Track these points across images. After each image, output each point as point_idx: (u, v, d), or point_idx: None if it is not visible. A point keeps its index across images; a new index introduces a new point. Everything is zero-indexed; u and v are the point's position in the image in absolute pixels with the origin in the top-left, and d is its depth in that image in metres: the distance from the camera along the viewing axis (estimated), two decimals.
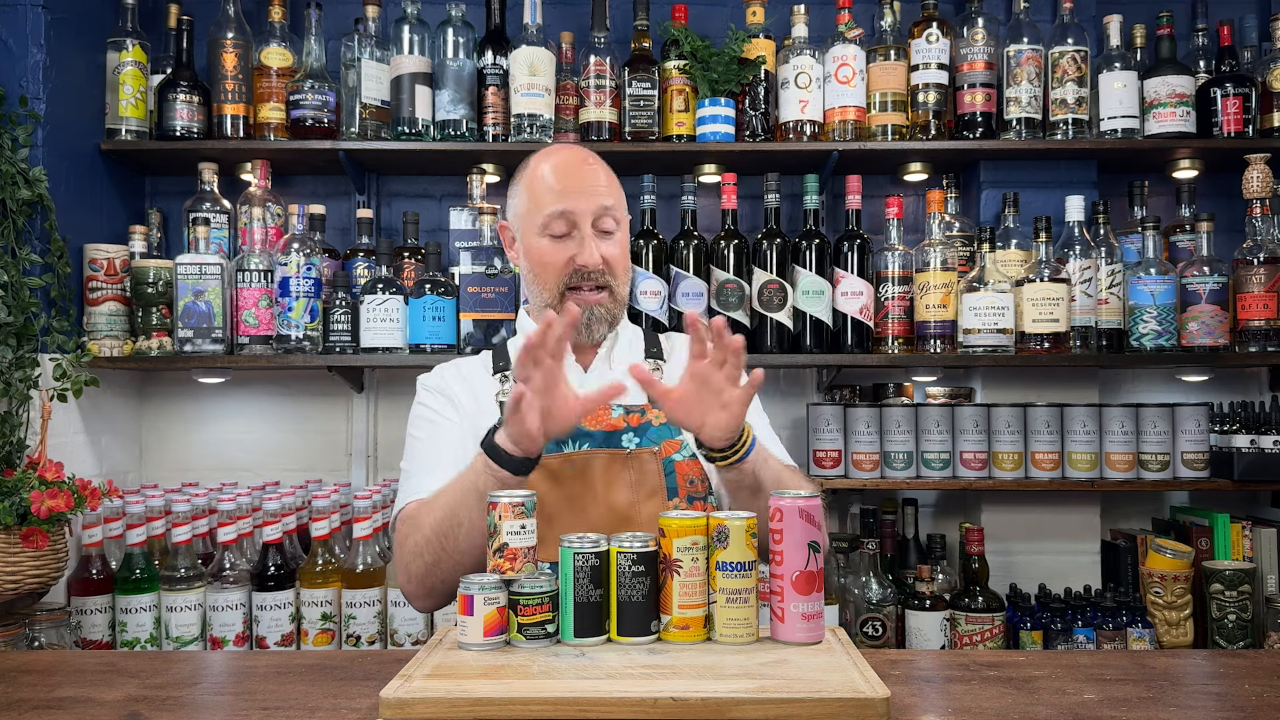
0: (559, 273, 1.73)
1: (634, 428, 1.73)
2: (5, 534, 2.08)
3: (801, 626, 1.39)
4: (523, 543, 1.40)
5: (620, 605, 1.38)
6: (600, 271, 1.72)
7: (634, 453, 1.70)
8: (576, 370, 1.80)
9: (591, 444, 1.71)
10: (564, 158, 1.78)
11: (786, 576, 1.39)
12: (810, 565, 1.39)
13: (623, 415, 1.73)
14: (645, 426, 1.73)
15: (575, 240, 1.72)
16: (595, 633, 1.38)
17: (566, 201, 1.71)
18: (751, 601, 1.40)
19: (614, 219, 1.75)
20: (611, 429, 1.72)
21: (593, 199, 1.72)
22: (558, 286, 1.74)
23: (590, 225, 1.73)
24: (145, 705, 1.29)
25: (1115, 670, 1.40)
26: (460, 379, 1.84)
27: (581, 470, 1.68)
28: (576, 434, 1.70)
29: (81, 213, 2.67)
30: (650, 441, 1.71)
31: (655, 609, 1.40)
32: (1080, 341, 2.71)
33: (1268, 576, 2.68)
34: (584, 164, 1.77)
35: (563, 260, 1.72)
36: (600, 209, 1.73)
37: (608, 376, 1.79)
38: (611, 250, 1.74)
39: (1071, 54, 2.76)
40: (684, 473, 1.70)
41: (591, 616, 1.38)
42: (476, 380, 1.83)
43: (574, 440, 1.70)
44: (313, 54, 2.76)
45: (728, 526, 1.39)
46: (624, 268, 1.78)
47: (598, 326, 1.76)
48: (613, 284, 1.75)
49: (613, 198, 1.75)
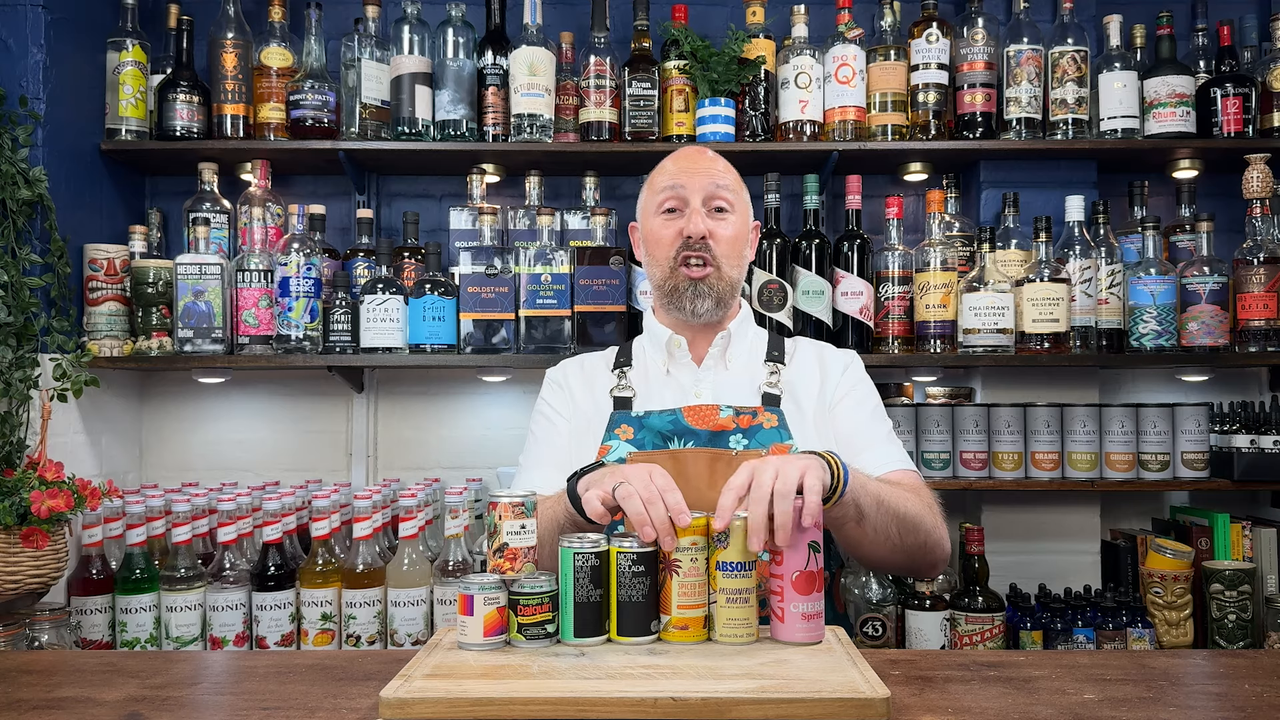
0: (670, 245, 1.79)
1: (743, 429, 1.73)
2: (5, 534, 2.08)
3: (802, 626, 1.39)
4: (523, 543, 1.40)
5: (620, 605, 1.38)
6: (705, 245, 1.76)
7: (740, 454, 1.69)
8: (690, 367, 1.83)
9: (697, 443, 1.72)
10: (686, 150, 1.88)
11: (786, 576, 1.39)
12: (810, 565, 1.39)
13: (732, 416, 1.74)
14: (755, 429, 1.73)
15: (685, 215, 1.79)
16: (595, 633, 1.38)
17: (679, 178, 1.80)
18: (751, 602, 1.40)
19: (727, 201, 1.80)
20: (719, 429, 1.73)
21: (705, 178, 1.79)
22: (669, 261, 1.79)
23: (701, 202, 1.78)
24: (145, 705, 1.29)
25: (1115, 670, 1.40)
26: (581, 374, 1.90)
27: (683, 468, 1.68)
28: (683, 432, 1.72)
29: (81, 213, 2.67)
30: (758, 444, 1.71)
31: (655, 609, 1.40)
32: (1080, 341, 2.71)
33: (1268, 576, 2.68)
34: (702, 153, 1.86)
35: (673, 233, 1.79)
36: (712, 187, 1.79)
37: (721, 376, 1.83)
38: (721, 228, 1.79)
39: (1071, 54, 2.76)
40: None
41: (591, 616, 1.38)
42: (597, 375, 1.88)
43: (680, 438, 1.72)
44: (313, 54, 2.76)
45: (727, 527, 1.39)
46: (734, 249, 1.81)
47: (701, 301, 1.79)
48: (720, 261, 1.78)
49: (728, 181, 1.81)
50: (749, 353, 1.86)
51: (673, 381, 1.83)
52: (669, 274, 1.80)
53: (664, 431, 1.73)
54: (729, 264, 1.80)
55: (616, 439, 1.75)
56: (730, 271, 1.80)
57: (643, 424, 1.76)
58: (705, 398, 1.79)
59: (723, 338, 1.83)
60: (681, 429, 1.73)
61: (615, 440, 1.75)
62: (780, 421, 1.74)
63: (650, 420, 1.76)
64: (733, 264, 1.81)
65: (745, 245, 1.85)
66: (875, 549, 1.61)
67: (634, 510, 1.39)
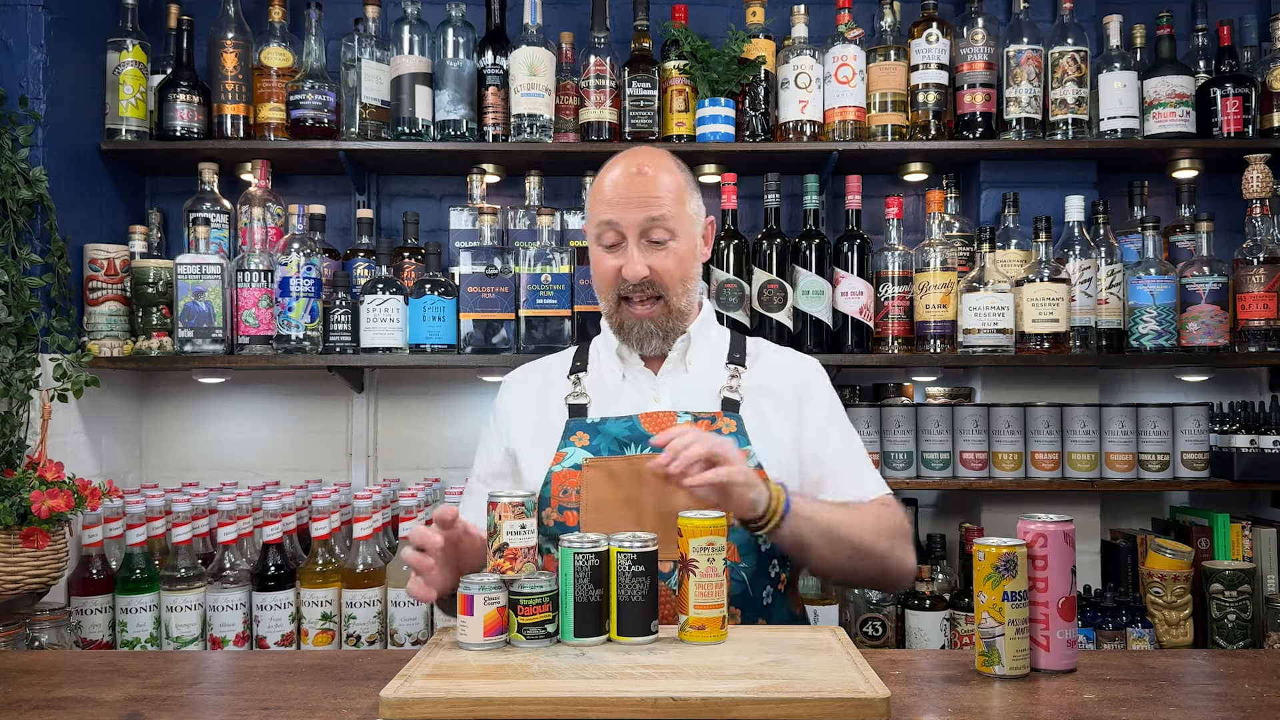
0: (611, 282, 1.75)
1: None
2: (5, 534, 2.08)
3: (1066, 653, 1.38)
4: (523, 543, 1.40)
5: (620, 605, 1.38)
6: (647, 283, 1.72)
7: None
8: (647, 375, 1.81)
9: (652, 449, 1.69)
10: (622, 167, 1.77)
11: (1052, 603, 1.37)
12: (1072, 590, 1.38)
13: (690, 422, 1.72)
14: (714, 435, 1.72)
15: (623, 250, 1.73)
16: (595, 633, 1.38)
17: (613, 212, 1.73)
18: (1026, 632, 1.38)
19: (666, 230, 1.73)
20: None
21: (640, 210, 1.72)
22: (612, 296, 1.76)
23: (638, 236, 1.72)
24: (145, 705, 1.29)
25: (1115, 670, 1.40)
26: (535, 381, 1.88)
27: (638, 473, 1.67)
28: (640, 438, 1.70)
29: (81, 213, 2.67)
30: None
31: (655, 609, 1.40)
32: (1080, 341, 2.71)
33: (1267, 576, 2.68)
34: (639, 175, 1.74)
35: (614, 271, 1.74)
36: (647, 221, 1.72)
37: (680, 380, 1.80)
38: (663, 261, 1.73)
39: (1071, 54, 2.76)
40: None
41: (591, 616, 1.38)
42: (553, 381, 1.86)
43: (637, 444, 1.70)
44: (313, 54, 2.76)
45: (1014, 554, 1.37)
46: (678, 278, 1.75)
47: (647, 340, 1.76)
48: (666, 293, 1.74)
49: (664, 208, 1.72)
50: (710, 354, 1.83)
51: (630, 386, 1.80)
52: (614, 309, 1.77)
53: (620, 438, 1.72)
54: (675, 294, 1.75)
55: (572, 445, 1.73)
56: (678, 301, 1.76)
57: (599, 430, 1.74)
58: (664, 403, 1.76)
59: (683, 341, 1.80)
60: (639, 435, 1.71)
61: (571, 447, 1.73)
62: (739, 428, 1.73)
63: (607, 426, 1.74)
64: (680, 292, 1.76)
65: (694, 264, 1.80)
66: (823, 572, 1.64)
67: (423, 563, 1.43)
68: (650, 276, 1.72)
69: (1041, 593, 1.38)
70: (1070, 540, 1.39)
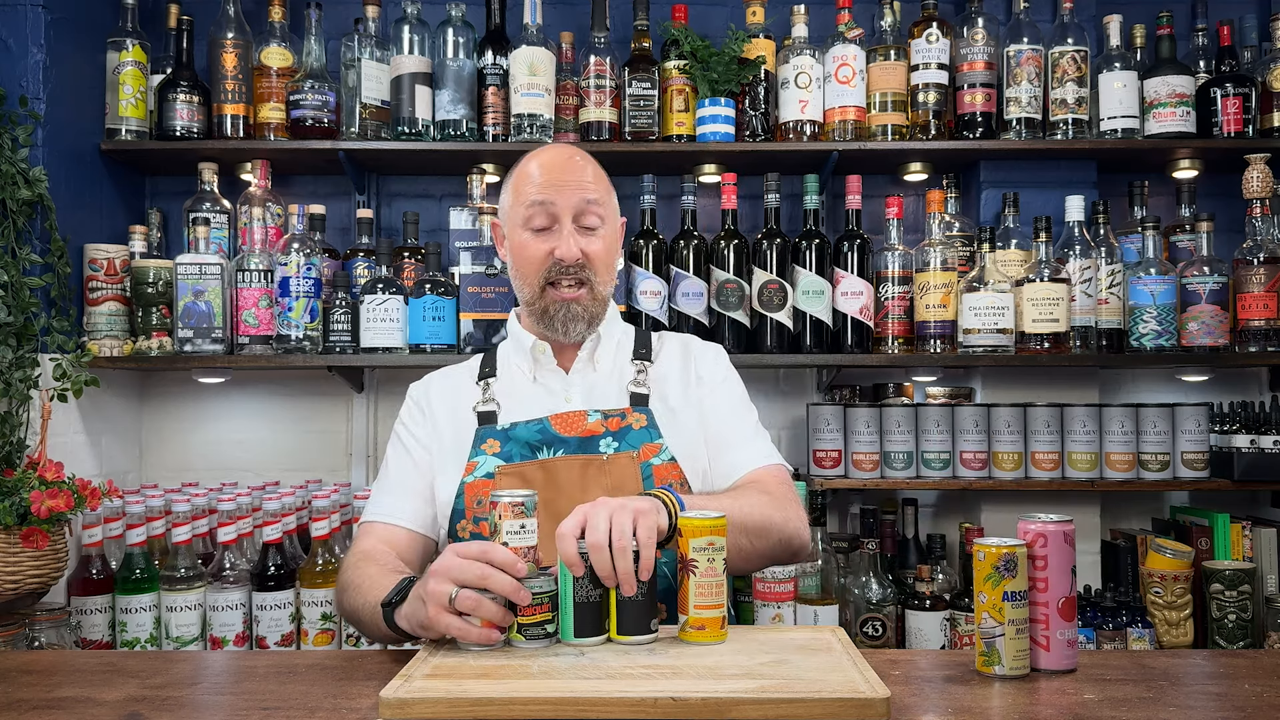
0: (539, 266, 1.73)
1: (613, 432, 1.71)
2: (5, 534, 2.08)
3: (1066, 653, 1.38)
4: (522, 542, 1.40)
5: (620, 605, 1.38)
6: (579, 265, 1.72)
7: (611, 458, 1.68)
8: (558, 373, 1.80)
9: (566, 450, 1.70)
10: (551, 155, 1.78)
11: (1052, 603, 1.37)
12: (1072, 590, 1.38)
13: (600, 420, 1.72)
14: (625, 431, 1.71)
15: (555, 234, 1.72)
16: (595, 633, 1.38)
17: (547, 193, 1.72)
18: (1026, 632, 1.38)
19: (598, 215, 1.74)
20: (588, 434, 1.71)
21: (575, 193, 1.72)
22: (538, 280, 1.74)
23: (571, 219, 1.72)
24: (145, 705, 1.29)
25: (1115, 670, 1.40)
26: (444, 390, 1.86)
27: (554, 477, 1.67)
28: (552, 440, 1.70)
29: (81, 213, 2.67)
30: (629, 446, 1.69)
31: (655, 608, 1.40)
32: (1080, 341, 2.71)
33: (1268, 576, 2.68)
34: (570, 160, 1.76)
35: (543, 253, 1.72)
36: (582, 203, 1.72)
37: (590, 378, 1.79)
38: (593, 246, 1.73)
39: (1071, 54, 2.76)
40: (662, 477, 1.68)
41: (591, 616, 1.38)
42: (461, 389, 1.84)
43: (549, 447, 1.69)
44: (313, 54, 2.76)
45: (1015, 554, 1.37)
46: (606, 265, 1.77)
47: (574, 324, 1.75)
48: (593, 280, 1.74)
49: (598, 194, 1.74)
50: (616, 351, 1.83)
51: (540, 388, 1.79)
52: (539, 294, 1.75)
53: (532, 442, 1.71)
54: (601, 280, 1.76)
55: (483, 454, 1.72)
56: (603, 289, 1.77)
57: (509, 436, 1.73)
58: (575, 403, 1.75)
59: (592, 340, 1.79)
60: (550, 438, 1.70)
61: (482, 455, 1.72)
62: (649, 421, 1.72)
63: (517, 431, 1.73)
64: (605, 280, 1.77)
65: (616, 255, 1.81)
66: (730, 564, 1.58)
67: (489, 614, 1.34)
68: (581, 259, 1.72)
69: (1041, 593, 1.38)
70: (1070, 540, 1.39)
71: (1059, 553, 1.38)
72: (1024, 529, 1.40)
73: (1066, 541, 1.38)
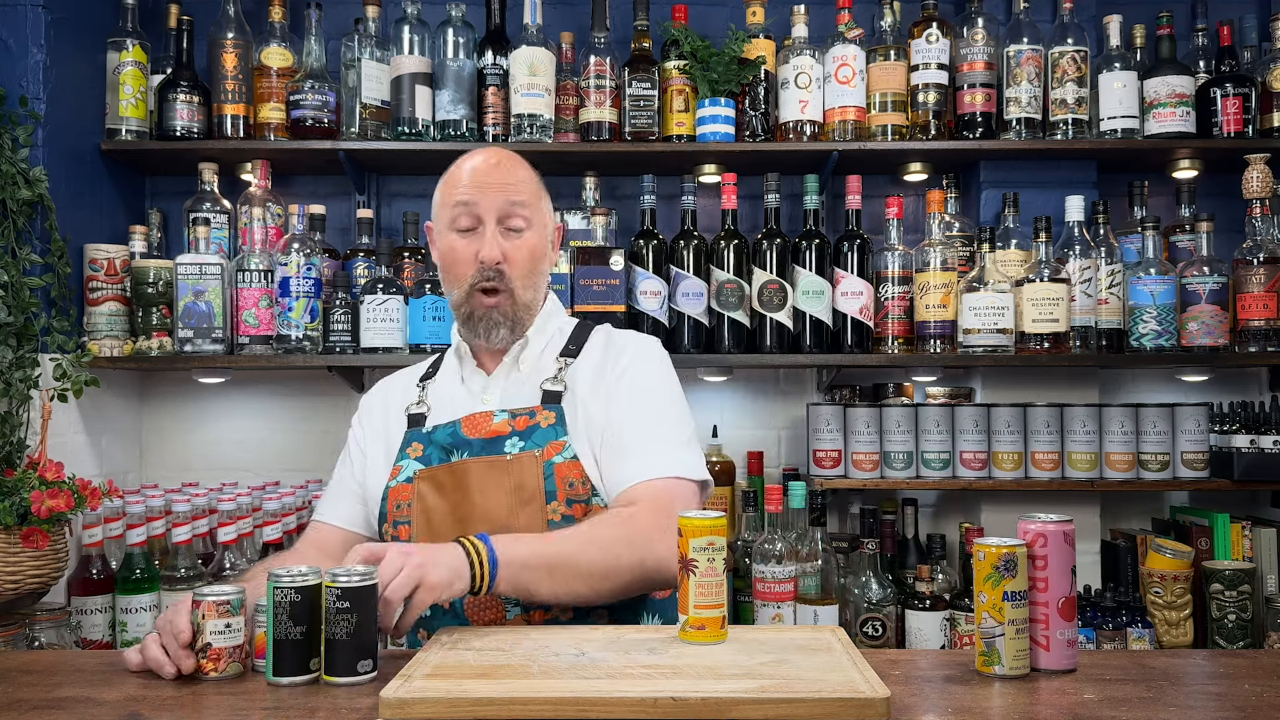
0: (466, 269, 1.71)
1: (519, 431, 1.67)
2: (5, 534, 2.08)
3: (1066, 653, 1.37)
4: (229, 642, 1.38)
5: (328, 644, 1.35)
6: (497, 269, 1.69)
7: (515, 458, 1.65)
8: (479, 375, 1.78)
9: (470, 453, 1.67)
10: (480, 158, 1.76)
11: (1052, 603, 1.37)
12: (1072, 590, 1.38)
13: (507, 420, 1.69)
14: (532, 429, 1.67)
15: (479, 235, 1.70)
16: (296, 671, 1.35)
17: (472, 194, 1.70)
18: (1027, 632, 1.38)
19: (524, 218, 1.72)
20: (494, 435, 1.68)
21: (500, 194, 1.70)
22: (465, 284, 1.71)
23: (495, 221, 1.70)
24: (145, 705, 1.29)
25: (1115, 670, 1.40)
26: (388, 394, 1.86)
27: (460, 480, 1.65)
28: (460, 443, 1.68)
29: (81, 213, 2.67)
30: (534, 445, 1.66)
31: (366, 650, 1.35)
32: (1080, 341, 2.71)
33: (1268, 576, 2.68)
34: (498, 163, 1.74)
35: (469, 255, 1.70)
36: (507, 205, 1.70)
37: (514, 378, 1.76)
38: (515, 250, 1.71)
39: (1071, 54, 2.76)
40: (563, 475, 1.64)
41: (291, 654, 1.35)
42: (403, 392, 1.84)
43: (459, 450, 1.68)
44: (313, 54, 2.76)
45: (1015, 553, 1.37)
46: (530, 269, 1.73)
47: (494, 330, 1.72)
48: (513, 285, 1.71)
49: (523, 196, 1.72)
50: (544, 350, 1.79)
51: (465, 390, 1.78)
52: (465, 298, 1.72)
53: (445, 445, 1.69)
54: (522, 285, 1.72)
55: (407, 458, 1.71)
56: (524, 294, 1.73)
57: (430, 439, 1.71)
58: (491, 404, 1.73)
59: (519, 344, 1.76)
60: (459, 440, 1.68)
61: (406, 460, 1.71)
62: (558, 418, 1.68)
63: (436, 435, 1.71)
64: (527, 284, 1.73)
65: (543, 259, 1.77)
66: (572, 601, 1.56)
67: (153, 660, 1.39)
68: (503, 264, 1.69)
69: (1041, 593, 1.37)
70: (1070, 540, 1.39)
71: (1059, 553, 1.37)
72: (1024, 529, 1.40)
73: (1066, 541, 1.38)
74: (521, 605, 1.60)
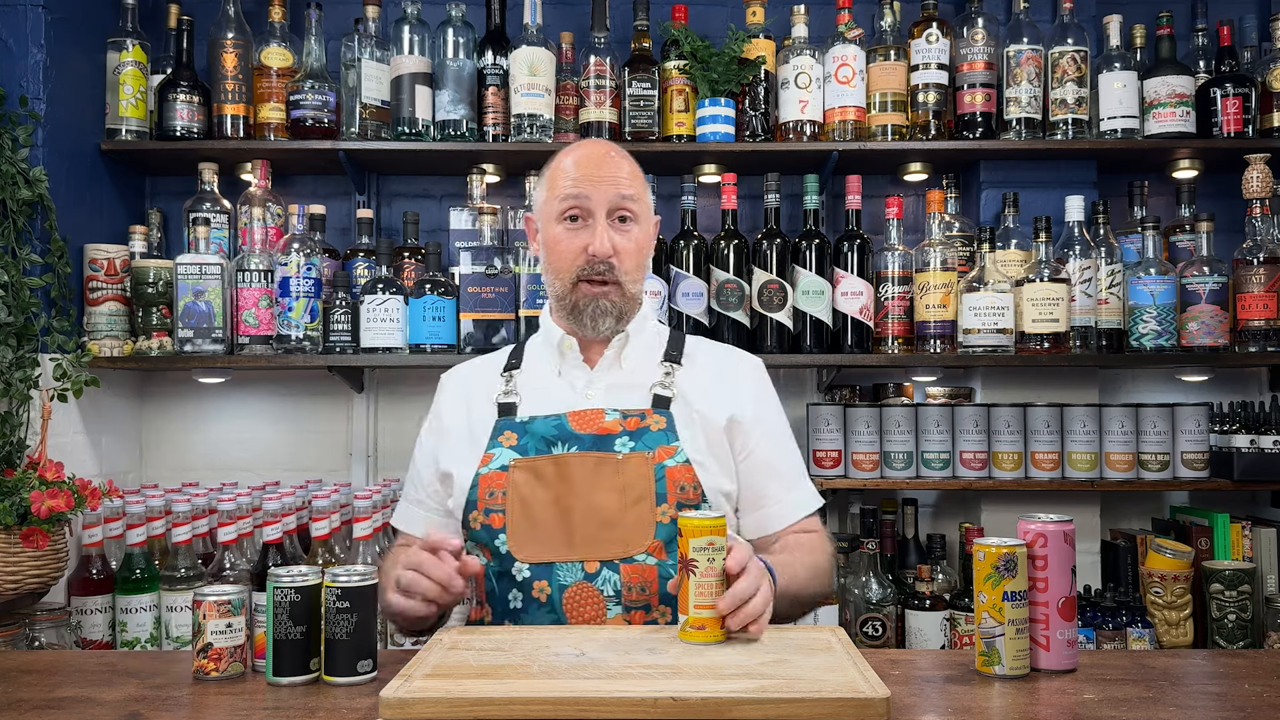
0: (572, 260, 1.74)
1: (630, 432, 1.70)
2: (5, 534, 2.08)
3: (1066, 653, 1.38)
4: (230, 642, 1.38)
5: (328, 644, 1.36)
6: (608, 261, 1.72)
7: (625, 457, 1.67)
8: (582, 369, 1.79)
9: (580, 447, 1.69)
10: (587, 150, 1.79)
11: (1052, 603, 1.37)
12: (1072, 590, 1.38)
13: (619, 419, 1.71)
14: (642, 431, 1.70)
15: (589, 228, 1.73)
16: (295, 671, 1.36)
17: (582, 187, 1.73)
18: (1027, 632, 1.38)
19: (632, 212, 1.75)
20: (604, 433, 1.69)
21: (610, 188, 1.73)
22: (571, 275, 1.74)
23: (605, 214, 1.73)
24: (145, 705, 1.29)
25: (1115, 670, 1.40)
26: (468, 378, 1.87)
27: (566, 472, 1.66)
28: (567, 437, 1.69)
29: (81, 213, 2.67)
30: (644, 447, 1.68)
31: (365, 650, 1.37)
32: (1080, 341, 2.71)
33: (1268, 576, 2.68)
34: (606, 155, 1.77)
35: (577, 248, 1.73)
36: (617, 199, 1.73)
37: (615, 376, 1.79)
38: (624, 242, 1.74)
39: (1071, 54, 2.76)
40: (675, 479, 1.66)
41: (290, 653, 1.36)
42: (487, 380, 1.84)
43: (564, 443, 1.69)
44: (313, 54, 2.76)
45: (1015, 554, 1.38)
46: (638, 263, 1.77)
47: (602, 319, 1.75)
48: (623, 277, 1.74)
49: (632, 190, 1.75)
50: (645, 351, 1.81)
51: (564, 383, 1.78)
52: (570, 289, 1.75)
53: (548, 437, 1.70)
54: (631, 279, 1.76)
55: (500, 446, 1.72)
56: (632, 286, 1.76)
57: (527, 430, 1.72)
58: (596, 400, 1.74)
59: (620, 338, 1.78)
60: (566, 434, 1.69)
61: (499, 448, 1.72)
62: (669, 424, 1.71)
63: (535, 425, 1.72)
64: (635, 278, 1.77)
65: (649, 252, 1.82)
66: (780, 620, 1.61)
67: (425, 589, 1.48)
68: (613, 255, 1.72)
69: (1041, 593, 1.38)
70: (1070, 540, 1.39)
71: (1059, 553, 1.38)
72: (1024, 529, 1.40)
73: (1066, 541, 1.38)
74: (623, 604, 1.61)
